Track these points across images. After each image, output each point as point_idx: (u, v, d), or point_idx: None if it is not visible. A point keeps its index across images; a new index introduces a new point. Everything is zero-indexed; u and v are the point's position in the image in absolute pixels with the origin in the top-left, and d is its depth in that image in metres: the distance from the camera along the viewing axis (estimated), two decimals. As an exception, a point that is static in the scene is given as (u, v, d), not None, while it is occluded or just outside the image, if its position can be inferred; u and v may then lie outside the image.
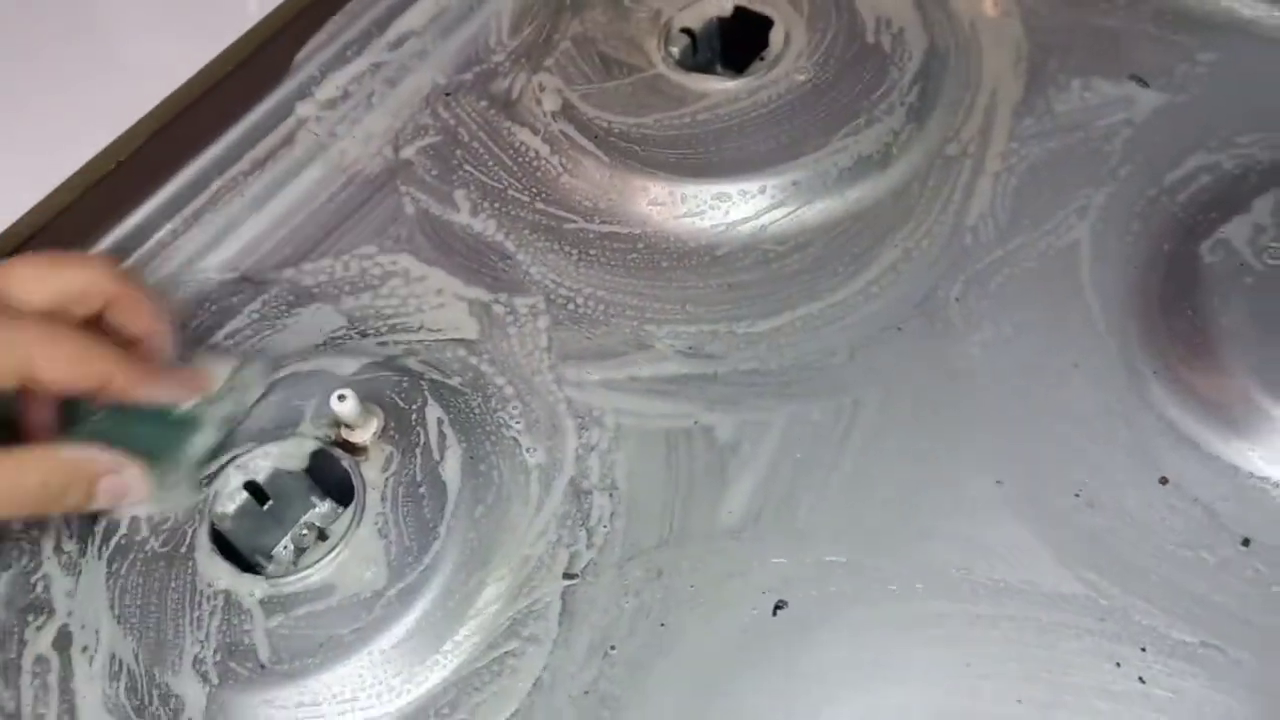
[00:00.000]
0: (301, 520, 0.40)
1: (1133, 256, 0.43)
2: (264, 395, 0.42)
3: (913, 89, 0.48)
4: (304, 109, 0.51)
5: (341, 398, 0.39)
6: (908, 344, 0.42)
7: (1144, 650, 0.35)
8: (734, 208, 0.46)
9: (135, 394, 0.38)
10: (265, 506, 0.39)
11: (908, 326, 0.43)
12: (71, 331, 0.37)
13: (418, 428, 0.40)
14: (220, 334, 0.45)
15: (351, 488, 0.38)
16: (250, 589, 0.37)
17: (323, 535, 0.40)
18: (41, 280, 0.37)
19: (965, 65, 0.50)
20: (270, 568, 0.40)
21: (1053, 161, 0.46)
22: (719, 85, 0.49)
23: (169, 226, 0.47)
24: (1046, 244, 0.44)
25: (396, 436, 0.40)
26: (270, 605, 0.37)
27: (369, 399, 0.40)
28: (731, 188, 0.46)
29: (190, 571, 0.38)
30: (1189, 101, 0.47)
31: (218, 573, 0.37)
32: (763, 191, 0.46)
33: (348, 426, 0.39)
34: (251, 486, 0.39)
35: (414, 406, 0.41)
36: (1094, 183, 0.45)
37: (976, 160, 0.47)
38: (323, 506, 0.41)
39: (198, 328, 0.46)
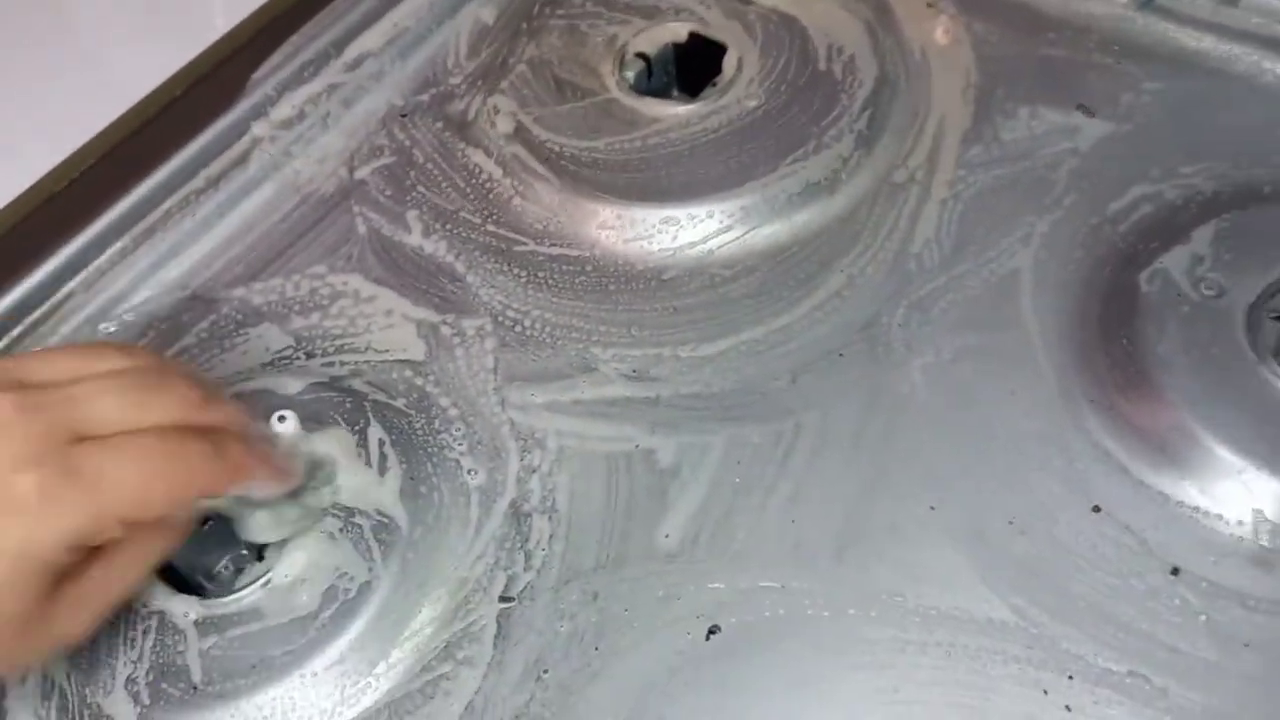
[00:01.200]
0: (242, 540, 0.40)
1: (1073, 285, 0.44)
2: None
3: (862, 115, 0.48)
4: (259, 128, 0.51)
5: (282, 418, 0.39)
6: (849, 369, 0.43)
7: (1071, 678, 0.35)
8: (682, 232, 0.47)
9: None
10: (206, 526, 0.39)
11: (849, 352, 0.43)
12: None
13: (359, 449, 0.40)
14: (168, 353, 0.46)
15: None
16: (184, 610, 0.37)
17: (261, 556, 0.40)
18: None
19: (914, 92, 0.50)
20: (211, 588, 0.40)
21: (999, 189, 0.47)
22: (670, 110, 0.50)
23: (119, 244, 0.47)
24: (989, 271, 0.45)
25: (337, 457, 0.40)
26: (204, 626, 0.37)
27: (311, 420, 0.40)
28: (680, 212, 0.47)
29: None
30: (1134, 131, 0.48)
31: (152, 593, 0.37)
32: (711, 216, 0.47)
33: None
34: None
35: (356, 428, 0.41)
36: (1038, 211, 0.46)
37: (923, 187, 0.47)
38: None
39: (146, 347, 0.46)
